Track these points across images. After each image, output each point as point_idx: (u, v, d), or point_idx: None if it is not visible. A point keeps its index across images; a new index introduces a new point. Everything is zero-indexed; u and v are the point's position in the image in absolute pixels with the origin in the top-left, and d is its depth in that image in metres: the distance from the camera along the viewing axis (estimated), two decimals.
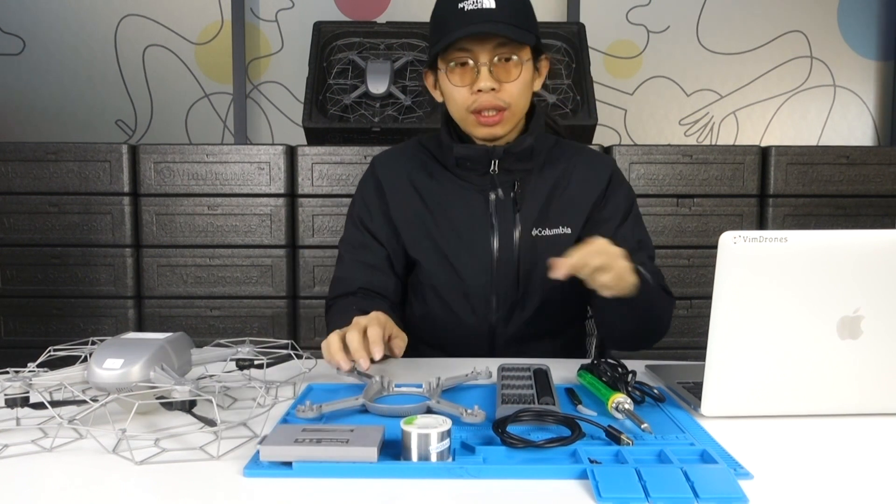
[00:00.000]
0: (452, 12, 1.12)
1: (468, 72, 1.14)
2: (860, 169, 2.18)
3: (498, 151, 1.18)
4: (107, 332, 2.14)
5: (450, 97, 1.18)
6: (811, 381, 0.80)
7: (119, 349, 0.79)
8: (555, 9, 2.65)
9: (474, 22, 1.10)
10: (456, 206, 1.22)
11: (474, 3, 1.11)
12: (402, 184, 1.26)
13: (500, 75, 1.13)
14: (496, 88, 1.13)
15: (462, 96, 1.15)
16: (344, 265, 1.27)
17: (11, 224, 2.15)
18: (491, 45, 1.12)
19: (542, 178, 1.23)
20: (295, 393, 0.91)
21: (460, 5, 1.12)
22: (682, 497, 0.58)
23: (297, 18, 2.62)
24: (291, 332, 2.19)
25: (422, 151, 1.29)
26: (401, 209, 1.25)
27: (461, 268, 1.21)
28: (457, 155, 1.20)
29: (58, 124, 2.64)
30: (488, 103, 1.14)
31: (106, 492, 0.62)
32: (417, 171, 1.26)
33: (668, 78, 2.69)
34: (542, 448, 0.68)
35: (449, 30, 1.12)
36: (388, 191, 1.26)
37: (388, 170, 1.28)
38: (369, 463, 0.64)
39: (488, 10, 1.11)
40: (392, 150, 1.33)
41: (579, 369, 0.94)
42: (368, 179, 1.30)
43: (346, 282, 1.25)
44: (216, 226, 2.15)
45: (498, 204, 1.21)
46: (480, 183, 1.22)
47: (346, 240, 1.29)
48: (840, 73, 2.70)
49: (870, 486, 0.63)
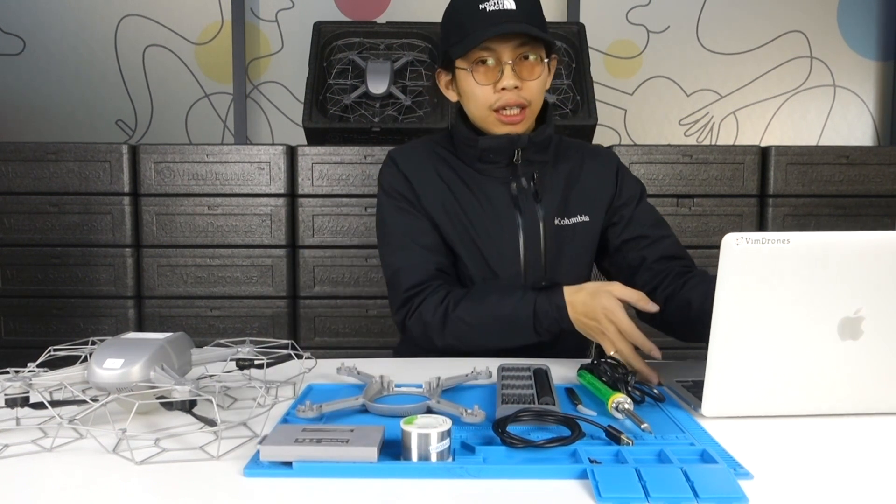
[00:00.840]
0: (474, 13, 1.14)
1: (491, 70, 1.16)
2: (860, 169, 2.18)
3: (522, 140, 1.21)
4: (107, 332, 2.14)
5: (471, 96, 1.19)
6: (811, 382, 0.80)
7: (119, 349, 0.79)
8: (555, 9, 2.65)
9: (498, 21, 1.13)
10: (480, 198, 1.24)
11: (496, 4, 1.13)
12: (430, 176, 1.25)
13: (522, 73, 1.16)
14: (519, 86, 1.16)
15: (485, 94, 1.17)
16: (406, 252, 1.21)
17: (11, 224, 2.15)
18: (513, 44, 1.15)
19: (556, 171, 1.28)
20: (295, 393, 0.91)
21: (481, 6, 1.14)
22: (682, 497, 0.58)
23: (297, 18, 2.62)
24: (291, 332, 2.19)
25: (438, 148, 1.29)
26: (432, 201, 1.24)
27: (493, 260, 1.23)
28: (482, 147, 1.21)
29: (58, 124, 2.64)
30: (512, 101, 1.16)
31: (106, 492, 0.62)
32: (441, 164, 1.27)
33: (668, 78, 2.69)
34: (542, 448, 0.68)
35: (471, 30, 1.14)
36: (417, 184, 1.24)
37: (412, 164, 1.26)
38: (369, 463, 0.64)
39: (509, 10, 1.13)
40: (407, 146, 1.32)
41: (579, 369, 0.94)
42: (394, 174, 1.26)
43: (417, 268, 1.20)
44: (216, 226, 2.15)
45: (521, 193, 1.24)
46: (502, 175, 1.24)
47: (394, 230, 1.24)
48: (840, 73, 2.70)
49: (870, 487, 0.63)
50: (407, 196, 1.25)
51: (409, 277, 1.20)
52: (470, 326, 1.14)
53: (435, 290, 1.18)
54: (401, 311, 1.21)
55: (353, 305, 2.18)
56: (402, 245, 1.22)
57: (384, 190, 1.27)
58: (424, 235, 1.23)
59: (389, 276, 1.23)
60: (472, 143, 1.22)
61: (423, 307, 1.17)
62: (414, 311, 1.18)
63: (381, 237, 1.27)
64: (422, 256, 1.21)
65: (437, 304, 1.16)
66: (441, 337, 1.16)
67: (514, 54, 1.15)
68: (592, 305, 1.03)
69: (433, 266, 1.20)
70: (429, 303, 1.17)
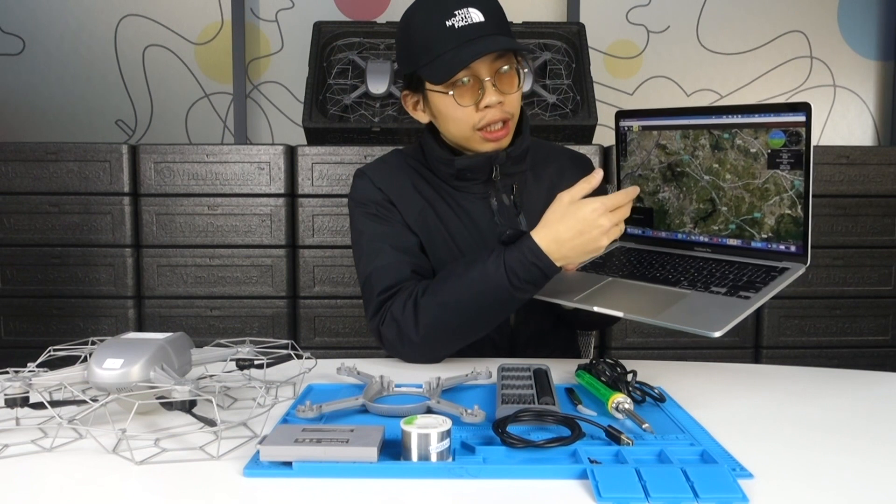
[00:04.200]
0: (441, 31, 1.06)
1: (471, 89, 1.10)
2: (860, 169, 2.18)
3: (500, 157, 1.16)
4: (107, 332, 2.14)
5: (451, 118, 1.12)
6: None
7: (119, 349, 0.79)
8: (555, 9, 2.65)
9: (471, 38, 1.06)
10: (460, 214, 1.20)
11: (463, 19, 1.06)
12: (408, 191, 1.20)
13: (503, 87, 1.10)
14: (502, 101, 1.10)
15: (468, 115, 1.11)
16: (377, 255, 1.14)
17: (11, 224, 2.15)
18: (490, 58, 1.08)
19: (537, 179, 1.24)
20: (295, 393, 0.91)
21: (448, 22, 1.06)
22: (682, 497, 0.58)
23: (297, 18, 2.62)
24: (291, 332, 2.19)
25: (411, 161, 1.24)
26: (413, 217, 1.18)
27: None
28: (459, 167, 1.16)
29: (58, 124, 2.64)
30: (496, 117, 1.11)
31: (106, 492, 0.62)
32: (417, 179, 1.22)
33: (668, 78, 2.69)
34: (542, 448, 0.68)
35: (442, 51, 1.07)
36: (395, 199, 1.19)
37: (387, 179, 1.21)
38: (369, 463, 0.64)
39: (479, 23, 1.07)
40: (376, 162, 1.26)
41: (577, 370, 0.94)
42: (367, 187, 1.20)
43: (390, 269, 1.13)
44: (216, 226, 2.15)
45: (501, 209, 1.19)
46: (480, 191, 1.20)
47: (366, 235, 1.17)
48: (840, 73, 2.70)
49: (870, 487, 0.63)
50: (381, 204, 1.19)
51: (381, 280, 1.12)
52: (443, 307, 1.04)
53: (405, 288, 1.10)
54: (374, 318, 1.11)
55: (353, 305, 2.18)
56: (374, 249, 1.16)
57: (355, 201, 1.21)
58: (397, 238, 1.16)
59: (363, 284, 1.16)
60: (448, 162, 1.17)
61: (394, 307, 1.08)
62: (385, 315, 1.09)
63: (354, 249, 1.20)
64: (394, 257, 1.13)
65: (406, 298, 1.08)
66: (416, 330, 1.05)
67: (492, 69, 1.09)
68: (574, 225, 0.98)
69: (407, 267, 1.13)
70: (398, 300, 1.08)
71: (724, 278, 0.98)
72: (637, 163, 1.13)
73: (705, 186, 1.05)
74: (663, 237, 1.12)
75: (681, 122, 1.07)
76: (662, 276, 1.04)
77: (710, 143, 1.03)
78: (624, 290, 1.02)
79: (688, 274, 1.02)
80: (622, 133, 1.15)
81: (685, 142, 1.06)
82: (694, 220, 1.08)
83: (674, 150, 1.08)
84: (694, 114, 1.06)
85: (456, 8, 1.07)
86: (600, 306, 0.99)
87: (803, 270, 0.96)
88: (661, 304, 0.95)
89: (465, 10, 1.07)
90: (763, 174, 0.98)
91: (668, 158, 1.09)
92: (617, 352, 2.20)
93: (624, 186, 1.14)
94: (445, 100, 1.11)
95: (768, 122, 0.97)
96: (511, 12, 1.63)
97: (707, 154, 1.04)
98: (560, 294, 1.05)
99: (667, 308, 0.94)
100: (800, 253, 0.97)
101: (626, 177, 1.15)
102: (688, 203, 1.08)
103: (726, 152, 1.02)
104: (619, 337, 2.21)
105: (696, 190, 1.06)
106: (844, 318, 2.23)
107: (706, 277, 1.00)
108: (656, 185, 1.11)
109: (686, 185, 1.07)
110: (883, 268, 2.22)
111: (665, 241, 1.12)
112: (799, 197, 0.95)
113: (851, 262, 2.21)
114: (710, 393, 0.93)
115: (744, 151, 1.00)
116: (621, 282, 1.05)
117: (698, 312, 0.92)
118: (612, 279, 1.06)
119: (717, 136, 1.03)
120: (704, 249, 1.07)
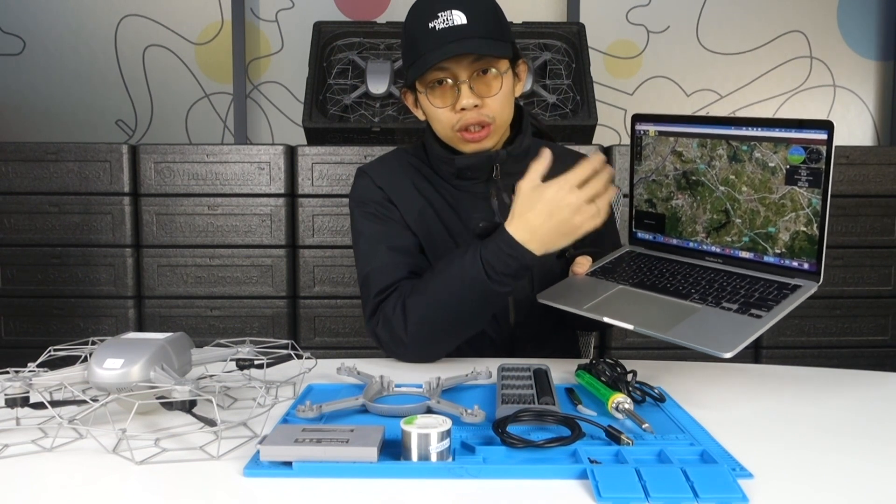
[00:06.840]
0: (423, 32, 1.08)
1: (448, 91, 1.11)
2: (860, 169, 2.18)
3: (501, 155, 1.17)
4: (107, 332, 2.14)
5: (434, 118, 1.15)
6: None
7: (119, 349, 0.79)
8: (555, 9, 2.65)
9: (448, 40, 1.07)
10: (462, 214, 1.19)
11: (445, 21, 1.07)
12: (408, 191, 1.20)
13: (480, 91, 1.10)
14: (479, 105, 1.10)
15: (446, 116, 1.12)
16: (375, 256, 1.15)
17: (11, 224, 2.15)
18: (468, 60, 1.09)
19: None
20: (295, 393, 0.91)
21: (430, 24, 1.07)
22: (682, 497, 0.58)
23: (297, 18, 2.62)
24: (291, 332, 2.19)
25: (412, 159, 1.24)
26: (413, 216, 1.19)
27: None
28: (459, 166, 1.17)
29: (58, 124, 2.64)
30: (473, 120, 1.11)
31: (106, 492, 0.62)
32: (418, 178, 1.22)
33: (668, 78, 2.69)
34: (542, 448, 0.68)
35: (423, 51, 1.08)
36: (395, 198, 1.19)
37: (387, 177, 1.21)
38: (369, 463, 0.64)
39: (460, 26, 1.07)
40: (377, 161, 1.26)
41: (577, 369, 0.94)
42: (368, 186, 1.21)
43: (386, 270, 1.13)
44: (216, 226, 2.16)
45: (502, 209, 1.19)
46: (481, 190, 1.20)
47: (369, 235, 1.18)
48: (840, 73, 2.70)
49: (870, 487, 0.63)
50: (380, 203, 1.19)
51: (377, 282, 1.12)
52: (428, 305, 1.04)
53: (398, 289, 1.10)
54: (371, 320, 1.12)
55: (353, 305, 2.18)
56: (371, 249, 1.16)
57: (355, 201, 1.22)
58: (395, 238, 1.16)
59: (361, 285, 1.16)
60: (449, 161, 1.18)
61: (387, 308, 1.09)
62: (380, 316, 1.10)
63: (354, 250, 1.21)
64: (391, 258, 1.14)
65: (397, 299, 1.08)
66: (405, 329, 1.05)
67: (469, 71, 1.09)
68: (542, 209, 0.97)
69: (404, 268, 1.13)
70: (390, 301, 1.09)
71: (735, 293, 0.96)
72: (651, 168, 1.12)
73: (720, 197, 1.03)
74: (674, 244, 1.11)
75: (698, 131, 1.05)
76: (673, 287, 1.02)
77: (727, 153, 1.02)
78: (634, 301, 1.01)
79: (699, 286, 1.00)
80: (637, 137, 1.13)
81: (702, 150, 1.05)
82: (707, 229, 1.06)
83: (690, 157, 1.06)
84: (712, 123, 1.04)
85: (440, 10, 1.08)
86: (611, 317, 0.98)
87: (815, 289, 0.95)
88: (672, 318, 0.94)
89: (448, 13, 1.07)
90: (780, 189, 0.97)
91: (684, 166, 1.07)
92: (617, 352, 2.20)
93: (637, 191, 1.14)
94: (425, 99, 1.14)
95: (789, 137, 0.95)
96: (511, 12, 1.63)
97: (724, 164, 1.02)
98: (570, 301, 1.04)
99: (677, 323, 0.92)
100: (813, 271, 0.96)
101: (639, 181, 1.14)
102: (701, 212, 1.06)
103: (744, 164, 1.00)
104: (619, 337, 2.22)
105: (710, 200, 1.05)
106: (844, 318, 2.23)
107: (717, 291, 0.98)
108: (670, 191, 1.10)
109: (701, 193, 1.06)
110: (883, 268, 2.22)
111: (676, 249, 1.11)
112: (815, 215, 0.94)
113: (851, 262, 2.21)
114: (710, 393, 0.93)
115: (762, 165, 0.98)
116: (631, 291, 1.04)
117: (709, 331, 0.90)
118: (622, 287, 1.05)
119: (735, 148, 1.01)
120: (716, 260, 1.06)
